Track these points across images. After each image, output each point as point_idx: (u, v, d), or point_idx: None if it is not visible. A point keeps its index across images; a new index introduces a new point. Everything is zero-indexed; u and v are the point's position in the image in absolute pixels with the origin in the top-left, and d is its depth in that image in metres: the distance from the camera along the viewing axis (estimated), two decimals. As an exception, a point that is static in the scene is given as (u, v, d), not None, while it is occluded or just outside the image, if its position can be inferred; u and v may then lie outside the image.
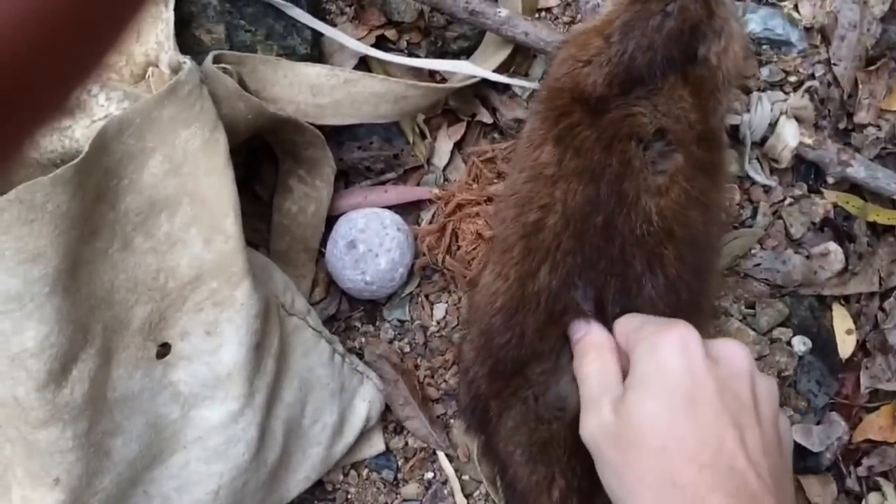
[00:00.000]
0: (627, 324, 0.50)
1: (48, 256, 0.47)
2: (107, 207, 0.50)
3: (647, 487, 0.43)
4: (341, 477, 0.66)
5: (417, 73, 0.71)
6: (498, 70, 0.68)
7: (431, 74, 0.71)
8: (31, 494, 0.50)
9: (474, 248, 0.67)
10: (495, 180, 0.68)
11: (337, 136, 0.68)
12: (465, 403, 0.57)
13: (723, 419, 0.44)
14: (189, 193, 0.52)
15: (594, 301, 0.51)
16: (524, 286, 0.51)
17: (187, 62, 0.54)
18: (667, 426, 0.44)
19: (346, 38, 0.66)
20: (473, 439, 0.62)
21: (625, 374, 0.48)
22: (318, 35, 0.68)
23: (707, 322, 0.61)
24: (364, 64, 0.70)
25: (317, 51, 0.69)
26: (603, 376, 0.49)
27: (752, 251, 0.72)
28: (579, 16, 0.72)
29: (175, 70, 0.56)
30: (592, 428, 0.47)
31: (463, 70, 0.66)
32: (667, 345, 0.46)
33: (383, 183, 0.70)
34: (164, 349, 0.54)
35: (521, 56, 0.70)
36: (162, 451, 0.55)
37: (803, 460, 0.69)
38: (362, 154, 0.70)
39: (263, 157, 0.69)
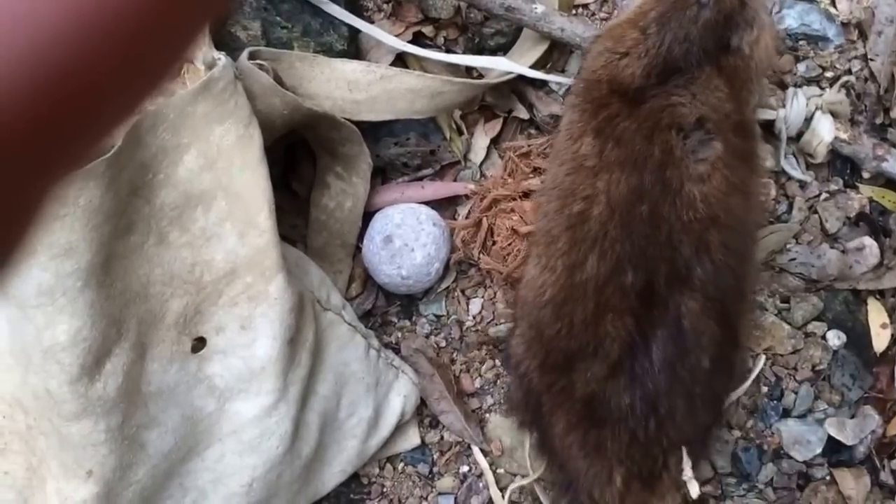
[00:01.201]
0: None
1: (80, 251, 0.43)
2: (142, 202, 0.46)
3: None
4: (377, 470, 0.62)
5: (454, 69, 0.66)
6: (534, 66, 0.62)
7: (468, 71, 0.66)
8: (65, 486, 0.46)
9: (509, 244, 0.62)
10: (531, 175, 0.63)
11: (374, 132, 0.63)
12: (517, 399, 0.54)
13: None
14: (224, 188, 0.48)
15: (644, 286, 0.48)
16: (572, 276, 0.48)
17: (221, 59, 0.49)
18: None
19: (383, 35, 0.60)
20: (526, 434, 0.58)
21: None
22: (354, 32, 0.63)
23: (749, 312, 0.57)
24: (401, 60, 0.65)
25: (353, 47, 0.64)
26: None
27: (788, 246, 0.66)
28: (616, 11, 0.66)
29: (209, 66, 0.51)
30: None
31: (500, 66, 0.60)
32: None
33: (420, 179, 0.65)
34: (199, 343, 0.50)
35: (557, 52, 0.65)
36: (198, 443, 0.50)
37: (837, 453, 0.63)
38: (399, 150, 0.65)
39: (301, 154, 0.64)
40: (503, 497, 0.60)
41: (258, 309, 0.49)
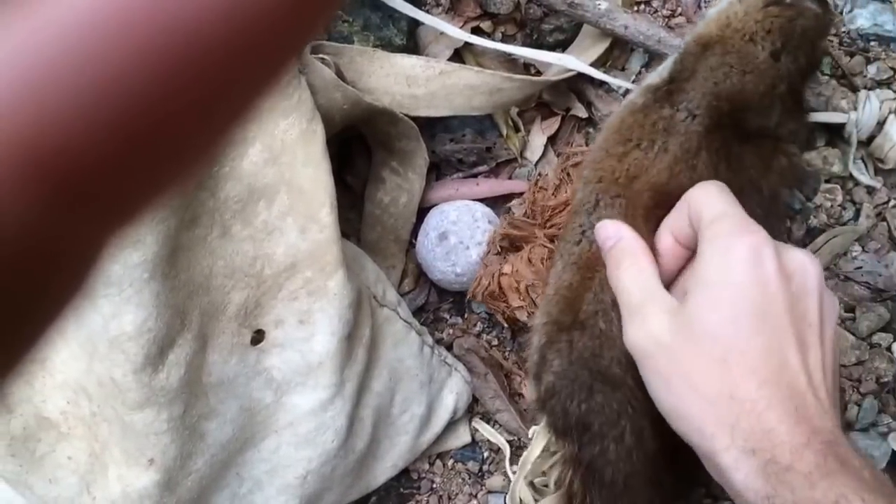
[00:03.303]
0: (705, 201, 0.43)
1: (147, 243, 0.43)
2: (207, 195, 0.47)
3: (701, 397, 0.38)
4: (427, 466, 0.62)
5: (512, 66, 0.65)
6: (594, 64, 0.62)
7: (526, 67, 0.65)
8: (127, 473, 0.47)
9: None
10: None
11: (430, 128, 0.63)
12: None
13: (789, 338, 0.39)
14: (287, 182, 0.48)
15: None
16: None
17: (286, 52, 0.50)
18: (731, 337, 0.39)
19: (446, 26, 0.60)
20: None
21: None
22: (413, 26, 0.63)
23: None
24: (458, 56, 0.65)
25: (412, 42, 0.64)
26: (644, 283, 0.43)
27: (854, 254, 0.65)
28: (679, 10, 0.65)
29: (275, 59, 0.52)
30: (639, 337, 0.41)
31: (565, 63, 0.60)
32: (740, 252, 0.40)
33: (475, 176, 0.65)
34: (258, 336, 0.50)
35: (618, 50, 0.64)
36: (254, 434, 0.51)
37: (901, 467, 0.62)
38: (455, 146, 0.65)
39: (356, 148, 0.64)
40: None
41: (317, 304, 0.50)
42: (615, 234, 0.46)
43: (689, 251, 0.45)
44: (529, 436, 0.48)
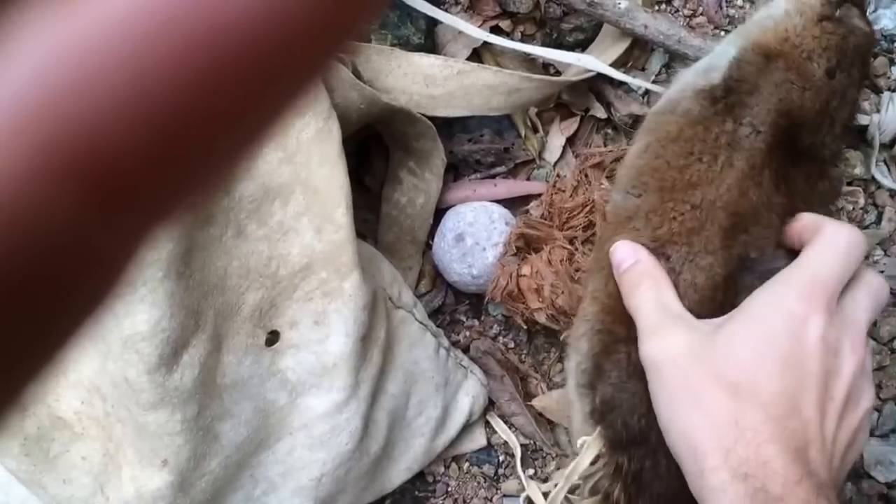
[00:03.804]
0: (825, 248, 0.42)
1: (162, 241, 0.43)
2: (222, 194, 0.46)
3: (704, 416, 0.39)
4: (442, 469, 0.61)
5: (530, 66, 0.65)
6: (614, 64, 0.61)
7: (545, 67, 0.65)
8: (140, 474, 0.47)
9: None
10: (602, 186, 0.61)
11: (448, 128, 0.63)
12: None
13: (810, 397, 0.39)
14: (302, 182, 0.48)
15: None
16: None
17: (303, 50, 0.49)
18: (752, 372, 0.39)
19: (465, 25, 0.60)
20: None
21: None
22: (431, 25, 0.63)
23: None
24: (476, 56, 0.64)
25: (430, 41, 0.63)
26: (665, 304, 0.43)
27: (876, 258, 0.63)
28: (700, 9, 0.64)
29: (292, 58, 0.51)
30: (655, 350, 0.42)
31: (584, 63, 0.59)
32: (793, 307, 0.40)
33: (493, 176, 0.65)
34: (273, 337, 0.50)
35: (638, 49, 0.63)
36: (269, 436, 0.51)
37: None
38: (472, 147, 0.64)
39: (373, 148, 0.64)
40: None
41: (332, 305, 0.49)
42: (632, 256, 0.46)
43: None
44: (578, 445, 0.47)
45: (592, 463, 0.47)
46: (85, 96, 0.10)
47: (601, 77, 0.62)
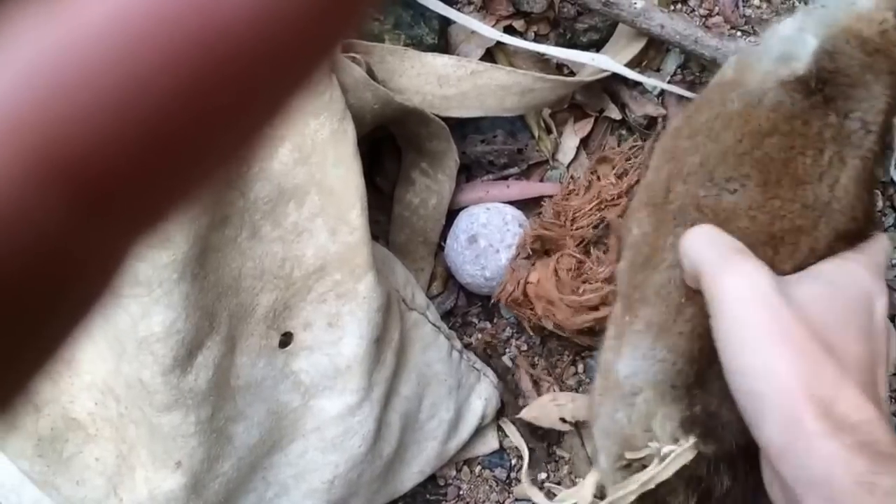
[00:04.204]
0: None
1: (177, 242, 0.43)
2: (237, 195, 0.47)
3: (802, 362, 0.36)
4: (454, 473, 0.61)
5: (544, 66, 0.65)
6: (629, 64, 0.61)
7: (559, 68, 0.65)
8: (154, 476, 0.47)
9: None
10: (615, 185, 0.61)
11: (461, 128, 0.63)
12: None
13: (881, 370, 0.39)
14: (317, 183, 0.48)
15: None
16: None
17: (316, 50, 0.49)
18: (837, 330, 0.38)
19: (479, 25, 0.60)
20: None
21: None
22: (445, 25, 0.63)
23: None
24: (490, 56, 0.64)
25: (443, 41, 0.63)
26: (724, 239, 0.42)
27: (894, 261, 0.63)
28: (717, 9, 0.64)
29: (306, 58, 0.51)
30: (741, 283, 0.39)
31: (599, 64, 0.59)
32: (865, 282, 0.41)
33: (505, 178, 0.65)
34: (286, 338, 0.50)
35: (653, 50, 0.63)
36: (281, 438, 0.51)
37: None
38: (485, 148, 0.64)
39: (386, 149, 0.64)
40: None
41: (346, 307, 0.49)
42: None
43: None
44: (662, 454, 0.45)
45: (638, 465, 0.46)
46: (72, 100, 0.10)
47: (616, 78, 0.62)
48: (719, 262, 0.40)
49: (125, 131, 0.10)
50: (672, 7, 0.64)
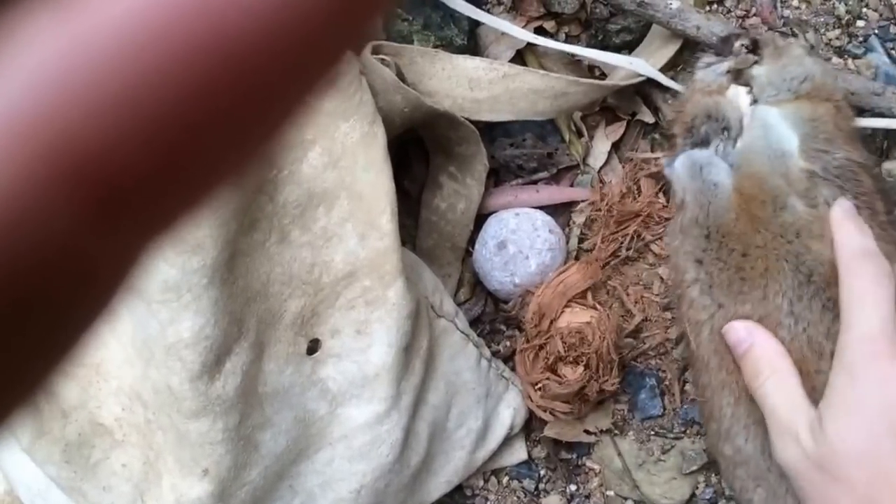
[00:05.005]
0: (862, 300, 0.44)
1: (207, 248, 0.44)
2: (266, 199, 0.47)
3: None
4: (481, 483, 0.61)
5: (575, 68, 0.64)
6: (664, 68, 0.61)
7: (590, 70, 0.65)
8: (181, 483, 0.47)
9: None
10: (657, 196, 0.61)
11: (489, 132, 0.63)
12: None
13: None
14: (347, 188, 0.48)
15: None
16: None
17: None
18: (871, 457, 0.40)
19: (509, 26, 0.60)
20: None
21: None
22: (474, 26, 0.63)
23: None
24: (519, 58, 0.65)
25: (473, 42, 0.63)
26: (787, 397, 0.44)
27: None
28: (754, 10, 0.63)
29: (335, 60, 0.51)
30: (792, 457, 0.43)
31: (636, 68, 0.59)
32: (866, 376, 0.41)
33: (534, 182, 0.65)
34: (314, 345, 0.50)
35: (688, 52, 0.63)
36: (308, 446, 0.51)
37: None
38: (515, 151, 0.64)
39: (414, 152, 0.64)
40: None
41: (375, 314, 0.49)
42: (746, 339, 0.47)
43: None
44: None
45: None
46: (84, 102, 0.10)
47: (649, 80, 0.62)
48: (770, 428, 0.45)
49: (139, 132, 0.10)
50: (707, 8, 0.64)
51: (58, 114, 0.10)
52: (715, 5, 0.64)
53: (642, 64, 0.59)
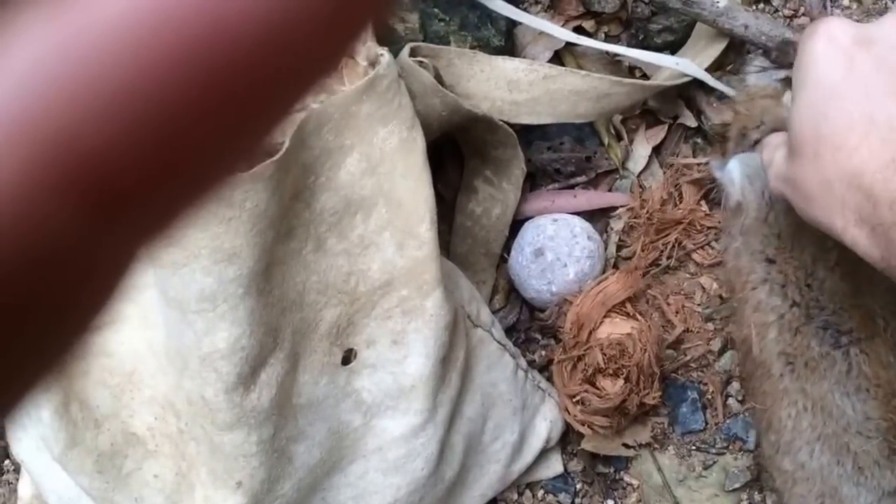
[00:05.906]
0: None
1: (244, 257, 0.44)
2: (302, 206, 0.47)
3: (827, 192, 0.41)
4: (515, 496, 0.61)
5: (615, 69, 0.64)
6: (709, 69, 0.60)
7: (631, 70, 0.64)
8: (214, 495, 0.47)
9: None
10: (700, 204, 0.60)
11: (526, 135, 0.62)
12: None
13: (881, 92, 0.41)
14: (385, 195, 0.48)
15: None
16: None
17: (385, 55, 0.49)
18: (820, 119, 0.41)
19: (549, 26, 0.60)
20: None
21: None
22: (512, 26, 0.63)
23: None
24: (557, 58, 0.64)
25: (510, 42, 0.63)
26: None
27: None
28: (802, 9, 0.63)
29: (371, 63, 0.51)
30: (774, 182, 0.46)
31: (682, 68, 0.58)
32: (812, 40, 0.43)
33: (572, 186, 0.64)
34: (349, 355, 0.50)
35: (733, 53, 0.62)
36: (342, 458, 0.51)
37: None
38: (552, 155, 0.64)
39: (448, 155, 0.64)
40: None
41: (412, 324, 0.49)
42: None
43: None
44: None
45: None
46: (82, 103, 0.10)
47: (692, 82, 0.61)
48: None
49: (136, 131, 0.10)
50: (754, 6, 0.63)
51: (55, 113, 0.10)
52: (762, 4, 0.63)
53: (689, 64, 0.58)
